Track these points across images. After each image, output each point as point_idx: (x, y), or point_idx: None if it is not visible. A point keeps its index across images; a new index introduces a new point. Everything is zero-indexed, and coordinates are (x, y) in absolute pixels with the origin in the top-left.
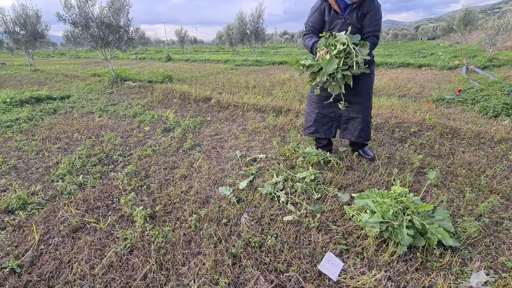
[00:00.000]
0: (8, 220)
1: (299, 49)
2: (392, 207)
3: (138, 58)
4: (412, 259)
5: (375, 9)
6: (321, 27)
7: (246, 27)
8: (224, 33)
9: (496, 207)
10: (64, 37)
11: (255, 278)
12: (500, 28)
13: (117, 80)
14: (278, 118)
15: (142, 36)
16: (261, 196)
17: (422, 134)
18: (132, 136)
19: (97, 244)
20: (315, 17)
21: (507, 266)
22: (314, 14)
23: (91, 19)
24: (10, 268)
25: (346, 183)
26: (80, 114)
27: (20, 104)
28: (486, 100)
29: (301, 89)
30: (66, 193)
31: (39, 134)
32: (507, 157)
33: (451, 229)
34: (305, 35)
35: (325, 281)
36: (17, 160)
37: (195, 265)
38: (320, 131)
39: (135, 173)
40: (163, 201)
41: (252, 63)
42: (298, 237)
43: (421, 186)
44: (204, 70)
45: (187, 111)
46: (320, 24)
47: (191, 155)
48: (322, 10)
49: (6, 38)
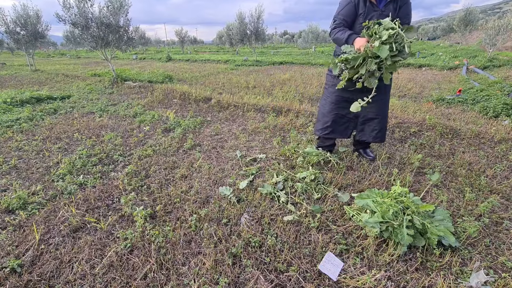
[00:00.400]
0: (8, 220)
1: (299, 49)
2: (392, 207)
3: (139, 58)
4: (412, 259)
5: (408, 2)
6: (352, 20)
7: (246, 28)
8: (224, 33)
9: (496, 207)
10: (64, 37)
11: (255, 278)
12: (500, 28)
13: (118, 80)
14: (278, 118)
15: (142, 36)
16: (261, 196)
17: (422, 134)
18: (132, 136)
19: (98, 244)
20: (347, 10)
21: (507, 266)
22: (346, 7)
23: (91, 19)
24: (10, 268)
25: (346, 183)
26: (81, 114)
27: (20, 104)
28: (486, 100)
29: (301, 89)
30: (67, 193)
31: (40, 134)
32: (507, 157)
33: (451, 229)
34: (335, 28)
35: (325, 281)
36: (18, 160)
37: (195, 264)
38: (336, 132)
39: (136, 173)
40: (163, 201)
41: (252, 63)
42: (298, 237)
43: (421, 186)
44: (204, 70)
45: (187, 111)
46: (351, 17)
47: (191, 155)
48: (356, 2)
49: (7, 38)
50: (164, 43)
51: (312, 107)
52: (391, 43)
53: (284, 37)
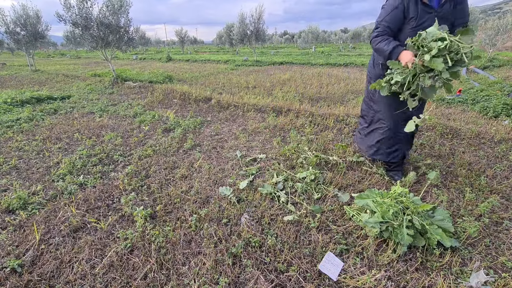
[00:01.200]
0: (9, 220)
1: (299, 49)
2: (392, 207)
3: (139, 58)
4: (412, 259)
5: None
6: (397, 27)
7: (247, 28)
8: (224, 33)
9: (496, 207)
10: (64, 37)
11: (255, 278)
12: (500, 28)
13: (118, 80)
14: (278, 118)
15: (143, 36)
16: (261, 196)
17: (422, 134)
18: (132, 136)
19: (98, 244)
20: (393, 17)
21: (507, 266)
22: (392, 13)
23: (91, 19)
24: (11, 268)
25: (346, 183)
26: (81, 114)
27: (20, 104)
28: (486, 100)
29: (301, 89)
30: (67, 193)
31: (40, 134)
32: (507, 157)
33: (451, 229)
34: (378, 36)
35: (325, 281)
36: (18, 160)
37: (195, 264)
38: (404, 152)
39: (136, 173)
40: (163, 201)
41: (252, 63)
42: (298, 237)
43: (421, 186)
44: (205, 70)
45: (188, 111)
46: (397, 24)
47: (192, 155)
48: (405, 5)
49: (7, 38)
50: (164, 43)
51: (312, 107)
52: (444, 55)
53: (284, 37)
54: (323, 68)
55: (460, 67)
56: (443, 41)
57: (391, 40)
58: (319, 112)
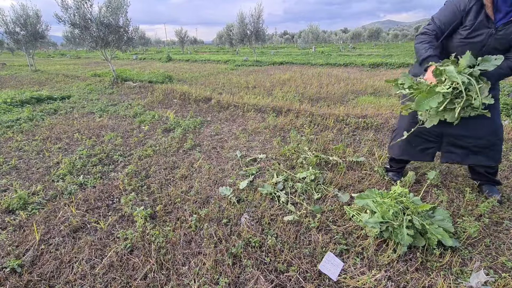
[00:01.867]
0: (8, 220)
1: (299, 49)
2: (392, 207)
3: (139, 58)
4: (412, 259)
5: None
6: (449, 30)
7: (246, 28)
8: (224, 33)
9: (496, 207)
10: (64, 37)
11: (255, 278)
12: None
13: (118, 80)
14: (278, 118)
15: (143, 36)
16: (261, 196)
17: None
18: (132, 136)
19: (98, 244)
20: (449, 16)
21: (507, 266)
22: (450, 12)
23: (90, 19)
24: (10, 268)
25: (346, 183)
26: (81, 114)
27: (20, 104)
28: None
29: (301, 89)
30: (67, 193)
31: (40, 134)
32: (507, 157)
33: (451, 229)
34: (424, 34)
35: (325, 281)
36: (18, 160)
37: (195, 265)
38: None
39: (136, 173)
40: (163, 201)
41: (252, 63)
42: (298, 237)
43: (421, 186)
44: (204, 70)
45: (187, 111)
46: (449, 26)
47: (191, 155)
48: (468, 9)
49: (7, 38)
50: (164, 43)
51: (312, 108)
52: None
53: (284, 37)
54: (323, 68)
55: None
56: (464, 84)
57: (431, 46)
58: (319, 112)
